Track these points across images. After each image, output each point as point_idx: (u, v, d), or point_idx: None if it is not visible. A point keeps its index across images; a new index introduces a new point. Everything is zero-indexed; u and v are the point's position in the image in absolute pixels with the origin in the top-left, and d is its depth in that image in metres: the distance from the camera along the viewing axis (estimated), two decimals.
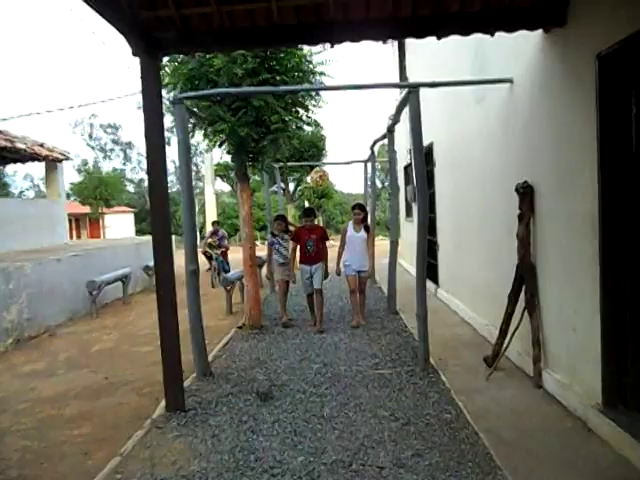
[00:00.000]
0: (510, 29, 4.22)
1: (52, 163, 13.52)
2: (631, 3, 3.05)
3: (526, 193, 4.69)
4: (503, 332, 4.96)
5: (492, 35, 4.32)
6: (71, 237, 21.73)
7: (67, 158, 14.11)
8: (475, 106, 6.38)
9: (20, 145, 11.43)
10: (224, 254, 12.78)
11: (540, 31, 4.25)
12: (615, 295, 3.49)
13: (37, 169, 48.14)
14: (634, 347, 3.44)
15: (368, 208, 13.05)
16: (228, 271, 11.49)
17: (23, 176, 47.84)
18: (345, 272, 7.18)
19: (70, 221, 23.11)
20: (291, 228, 8.26)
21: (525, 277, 4.74)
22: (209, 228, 17.07)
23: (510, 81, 5.09)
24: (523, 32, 4.23)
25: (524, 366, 4.91)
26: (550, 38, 4.18)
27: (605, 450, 3.35)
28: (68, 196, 24.83)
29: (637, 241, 3.39)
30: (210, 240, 12.85)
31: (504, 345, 4.93)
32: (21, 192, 46.80)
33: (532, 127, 4.65)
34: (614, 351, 3.52)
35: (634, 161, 3.35)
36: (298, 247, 7.28)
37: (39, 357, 6.74)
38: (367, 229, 7.25)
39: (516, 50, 4.87)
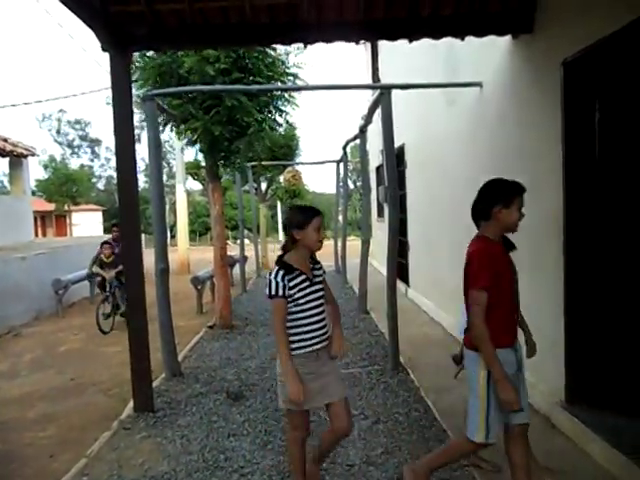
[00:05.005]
0: (479, 34, 4.30)
1: (17, 159, 13.17)
2: (595, 12, 3.15)
3: None
4: None
5: (462, 39, 4.39)
6: (37, 235, 21.20)
7: (33, 154, 13.79)
8: (446, 108, 6.47)
9: None
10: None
11: (509, 37, 4.34)
12: (578, 295, 3.59)
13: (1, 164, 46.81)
14: (597, 346, 3.55)
15: (340, 208, 13.12)
16: (125, 298, 6.66)
17: None
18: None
19: (35, 219, 22.55)
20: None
21: None
22: (181, 227, 16.58)
23: (479, 85, 5.18)
24: (492, 37, 4.31)
25: None
26: (518, 44, 4.28)
27: (568, 445, 3.45)
28: (34, 193, 24.22)
29: (599, 242, 3.50)
30: (103, 255, 8.09)
31: None
32: None
33: (500, 129, 4.75)
34: (577, 350, 3.63)
35: (597, 165, 3.46)
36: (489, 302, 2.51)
37: (3, 358, 6.56)
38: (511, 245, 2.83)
39: (486, 55, 4.97)
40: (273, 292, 2.60)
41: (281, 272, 2.62)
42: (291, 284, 2.61)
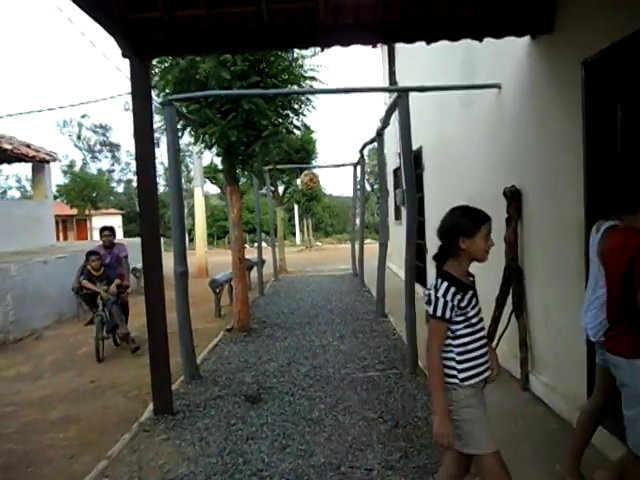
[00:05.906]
0: (498, 35, 4.25)
1: (39, 164, 13.41)
2: (616, 12, 3.10)
3: (513, 197, 4.73)
4: (490, 335, 4.99)
5: (480, 41, 4.35)
6: (58, 239, 21.53)
7: (54, 159, 14.01)
8: (464, 110, 6.42)
9: (6, 145, 11.32)
10: (122, 289, 6.97)
11: (527, 37, 4.30)
12: None
13: (24, 169, 47.80)
14: None
15: (357, 211, 13.14)
16: (123, 318, 6.73)
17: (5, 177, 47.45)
18: None
19: (57, 222, 22.88)
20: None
21: (512, 280, 4.78)
22: (199, 231, 16.67)
23: (498, 86, 5.13)
24: (511, 38, 4.27)
25: (511, 369, 4.94)
26: (537, 44, 4.23)
27: (591, 451, 3.37)
28: (55, 197, 24.63)
29: None
30: (91, 267, 6.91)
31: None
32: (4, 192, 46.52)
33: (519, 132, 4.69)
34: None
35: (619, 167, 3.40)
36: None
37: (25, 360, 6.67)
38: None
39: (504, 56, 4.92)
40: (440, 313, 2.15)
41: (452, 289, 2.14)
42: (462, 304, 2.16)
